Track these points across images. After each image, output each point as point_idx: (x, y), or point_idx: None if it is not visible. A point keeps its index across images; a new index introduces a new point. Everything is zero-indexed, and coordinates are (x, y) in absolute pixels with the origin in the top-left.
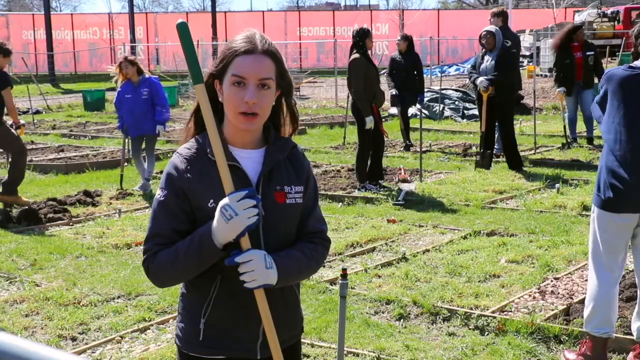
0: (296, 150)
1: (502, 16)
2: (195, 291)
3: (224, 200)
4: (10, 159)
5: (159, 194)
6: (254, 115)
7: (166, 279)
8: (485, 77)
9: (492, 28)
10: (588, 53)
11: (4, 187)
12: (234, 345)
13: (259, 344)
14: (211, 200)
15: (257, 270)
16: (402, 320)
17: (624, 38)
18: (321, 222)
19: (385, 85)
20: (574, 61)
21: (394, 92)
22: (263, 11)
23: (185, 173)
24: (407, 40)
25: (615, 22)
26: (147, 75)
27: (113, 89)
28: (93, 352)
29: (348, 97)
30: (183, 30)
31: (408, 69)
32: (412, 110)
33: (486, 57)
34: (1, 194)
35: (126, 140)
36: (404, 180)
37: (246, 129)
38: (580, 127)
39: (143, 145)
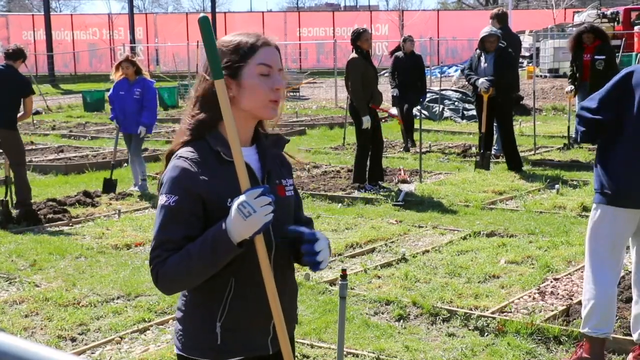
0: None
1: (502, 17)
2: (206, 296)
3: (241, 197)
4: (10, 170)
5: (165, 199)
6: (277, 102)
7: (176, 284)
8: (486, 78)
9: (494, 30)
10: (597, 57)
11: (20, 207)
12: (249, 344)
13: (270, 339)
14: (229, 200)
15: (326, 250)
16: (401, 321)
17: (624, 39)
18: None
19: (387, 85)
20: (581, 63)
21: (395, 93)
22: (263, 12)
23: (199, 176)
24: (413, 41)
25: (615, 23)
26: (143, 77)
27: None
28: (93, 353)
29: (348, 97)
30: (205, 25)
31: (412, 70)
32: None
33: (483, 58)
34: (25, 217)
35: (119, 132)
36: (404, 181)
37: (272, 116)
38: None
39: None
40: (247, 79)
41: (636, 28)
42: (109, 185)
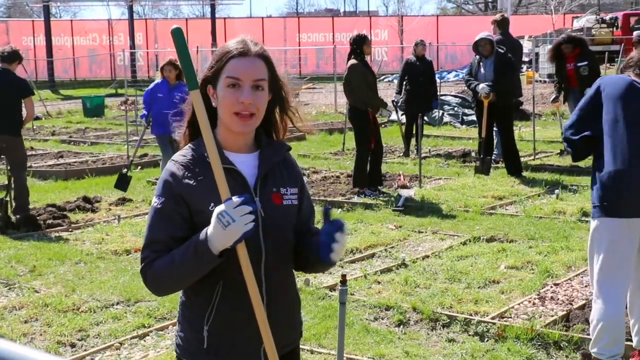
0: (289, 154)
1: (502, 23)
2: (197, 298)
3: (220, 207)
4: (10, 174)
5: (155, 201)
6: (250, 116)
7: (164, 287)
8: (486, 84)
9: (488, 34)
10: (579, 64)
11: (20, 212)
12: (238, 350)
13: (263, 348)
14: (212, 204)
15: (342, 245)
16: (401, 326)
17: (623, 44)
18: None
19: (388, 91)
20: (565, 72)
21: (396, 99)
22: (262, 17)
23: (183, 179)
24: (425, 46)
25: (614, 28)
26: (183, 82)
27: (112, 95)
28: (92, 359)
29: (347, 103)
30: (178, 37)
31: (425, 74)
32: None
33: (482, 64)
34: (24, 223)
35: (144, 132)
36: (403, 186)
37: (242, 131)
38: None
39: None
40: (219, 90)
41: (635, 33)
42: (123, 181)
